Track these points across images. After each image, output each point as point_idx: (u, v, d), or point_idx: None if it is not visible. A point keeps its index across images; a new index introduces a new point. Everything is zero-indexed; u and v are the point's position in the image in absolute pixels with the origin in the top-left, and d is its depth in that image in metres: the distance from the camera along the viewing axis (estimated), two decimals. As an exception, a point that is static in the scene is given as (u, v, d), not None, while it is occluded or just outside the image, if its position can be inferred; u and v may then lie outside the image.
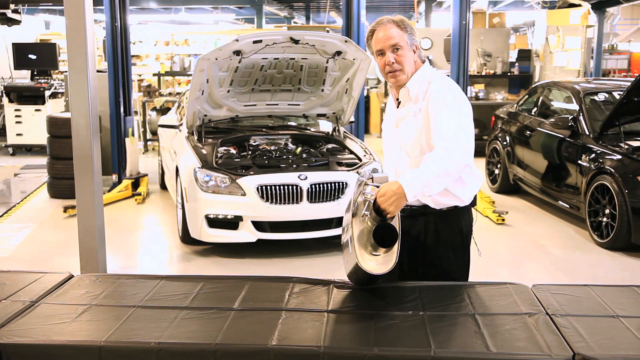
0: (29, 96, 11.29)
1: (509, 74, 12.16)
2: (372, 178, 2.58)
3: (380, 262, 2.47)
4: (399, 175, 2.79)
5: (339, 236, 2.81)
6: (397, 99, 2.82)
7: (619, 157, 6.13)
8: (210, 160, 5.83)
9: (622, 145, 6.28)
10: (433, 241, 2.77)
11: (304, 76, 6.44)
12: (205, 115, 6.49)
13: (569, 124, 6.85)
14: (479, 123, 10.75)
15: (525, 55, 12.59)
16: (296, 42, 5.83)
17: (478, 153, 2.85)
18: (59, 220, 7.02)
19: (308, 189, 5.63)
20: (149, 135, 11.15)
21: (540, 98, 8.08)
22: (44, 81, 11.34)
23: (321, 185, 5.68)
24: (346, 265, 2.63)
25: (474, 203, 2.85)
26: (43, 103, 11.17)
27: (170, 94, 12.73)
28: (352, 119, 6.99)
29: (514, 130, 8.12)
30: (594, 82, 8.67)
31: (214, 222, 5.64)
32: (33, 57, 11.40)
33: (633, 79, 6.63)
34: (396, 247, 2.46)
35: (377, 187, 2.52)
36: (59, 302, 2.53)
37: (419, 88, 2.74)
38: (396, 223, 2.49)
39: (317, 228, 5.74)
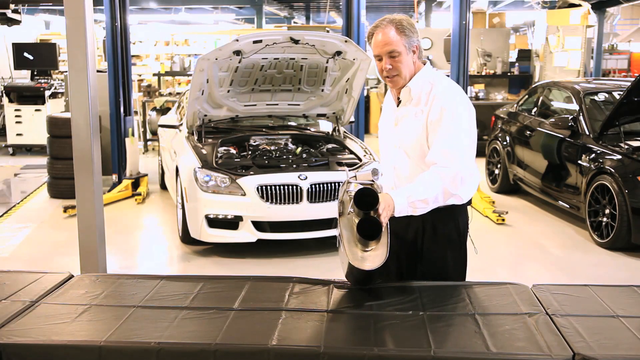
0: (29, 96, 11.29)
1: (509, 74, 12.16)
2: (355, 176, 2.60)
3: (371, 257, 2.47)
4: (398, 173, 2.80)
5: None
6: (398, 98, 2.81)
7: (619, 157, 6.13)
8: (210, 160, 5.83)
9: (622, 145, 6.28)
10: (430, 239, 2.77)
11: (304, 76, 6.44)
12: (205, 115, 6.49)
13: (569, 124, 6.85)
14: (479, 123, 10.69)
15: (525, 55, 12.59)
16: (296, 42, 5.83)
17: (478, 153, 2.84)
18: (59, 220, 7.02)
19: (308, 189, 5.63)
20: (149, 135, 11.15)
21: (540, 98, 8.08)
22: (44, 81, 11.34)
23: (321, 185, 5.68)
24: (342, 265, 2.63)
25: (469, 201, 2.86)
26: (43, 103, 11.17)
27: (170, 94, 12.73)
28: (352, 119, 7.00)
29: (514, 130, 8.12)
30: (594, 82, 8.67)
31: (214, 222, 5.64)
32: (30, 57, 11.39)
33: (633, 79, 6.63)
34: (386, 241, 2.46)
35: (361, 185, 2.53)
36: (59, 302, 2.53)
37: (420, 89, 2.74)
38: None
39: (317, 228, 5.74)
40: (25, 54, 11.45)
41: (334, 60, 6.19)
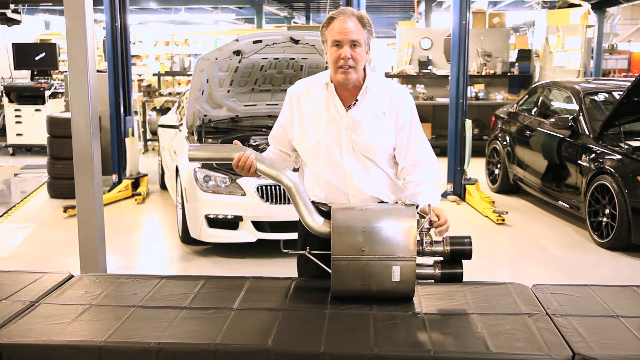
0: (29, 96, 11.28)
1: (509, 74, 12.15)
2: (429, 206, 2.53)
3: None
4: (360, 178, 2.71)
5: None
6: (355, 101, 2.68)
7: (619, 157, 6.13)
8: (210, 160, 5.82)
9: (622, 145, 6.29)
10: None
11: (304, 76, 6.43)
12: (205, 115, 6.49)
13: (569, 124, 6.85)
14: (479, 123, 10.80)
15: (525, 55, 12.58)
16: (296, 42, 5.83)
17: (478, 153, 2.85)
18: (59, 220, 7.02)
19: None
20: (149, 135, 11.15)
21: (540, 98, 8.09)
22: (44, 81, 11.34)
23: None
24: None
25: None
26: (43, 103, 11.17)
27: (170, 94, 12.73)
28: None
29: (514, 130, 8.12)
30: (594, 82, 8.67)
31: (214, 222, 5.64)
32: (42, 55, 11.38)
33: (633, 79, 6.63)
34: None
35: (423, 216, 2.52)
36: (59, 302, 2.53)
37: (379, 90, 2.70)
38: None
39: (317, 228, 5.72)
40: (27, 54, 11.47)
41: (334, 60, 6.19)
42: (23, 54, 11.53)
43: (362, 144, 2.69)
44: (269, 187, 5.58)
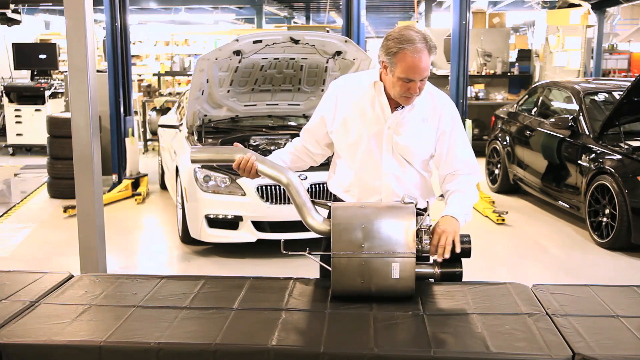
0: (29, 96, 11.29)
1: (509, 74, 12.15)
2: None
3: None
4: (399, 181, 2.73)
5: None
6: (401, 105, 2.68)
7: (619, 157, 6.13)
8: (210, 160, 5.82)
9: (622, 145, 6.29)
10: None
11: (304, 76, 6.44)
12: (205, 115, 6.49)
13: (569, 124, 6.86)
14: (479, 123, 10.80)
15: (525, 55, 12.58)
16: (296, 42, 5.83)
17: (478, 153, 2.86)
18: (59, 220, 7.02)
19: (308, 189, 5.63)
20: (149, 135, 11.15)
21: (540, 98, 8.09)
22: (44, 81, 11.35)
23: (321, 185, 5.68)
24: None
25: None
26: (43, 103, 11.17)
27: (170, 94, 12.73)
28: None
29: (514, 130, 8.12)
30: (594, 82, 8.68)
31: (214, 222, 5.64)
32: (43, 56, 11.39)
33: (633, 79, 6.63)
34: None
35: (421, 214, 2.54)
36: (59, 302, 2.53)
37: (422, 94, 2.66)
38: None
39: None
40: (27, 54, 11.48)
41: (334, 60, 6.19)
42: (23, 54, 11.53)
43: (403, 146, 2.70)
44: (269, 187, 5.58)
